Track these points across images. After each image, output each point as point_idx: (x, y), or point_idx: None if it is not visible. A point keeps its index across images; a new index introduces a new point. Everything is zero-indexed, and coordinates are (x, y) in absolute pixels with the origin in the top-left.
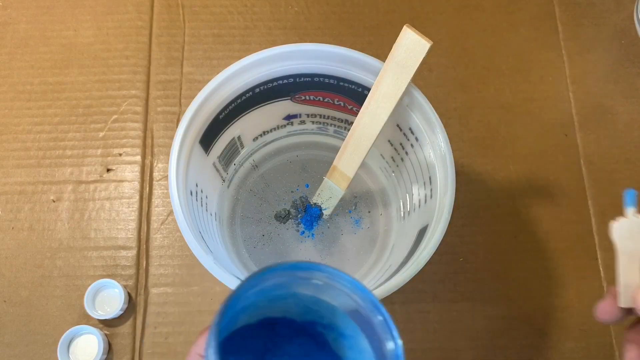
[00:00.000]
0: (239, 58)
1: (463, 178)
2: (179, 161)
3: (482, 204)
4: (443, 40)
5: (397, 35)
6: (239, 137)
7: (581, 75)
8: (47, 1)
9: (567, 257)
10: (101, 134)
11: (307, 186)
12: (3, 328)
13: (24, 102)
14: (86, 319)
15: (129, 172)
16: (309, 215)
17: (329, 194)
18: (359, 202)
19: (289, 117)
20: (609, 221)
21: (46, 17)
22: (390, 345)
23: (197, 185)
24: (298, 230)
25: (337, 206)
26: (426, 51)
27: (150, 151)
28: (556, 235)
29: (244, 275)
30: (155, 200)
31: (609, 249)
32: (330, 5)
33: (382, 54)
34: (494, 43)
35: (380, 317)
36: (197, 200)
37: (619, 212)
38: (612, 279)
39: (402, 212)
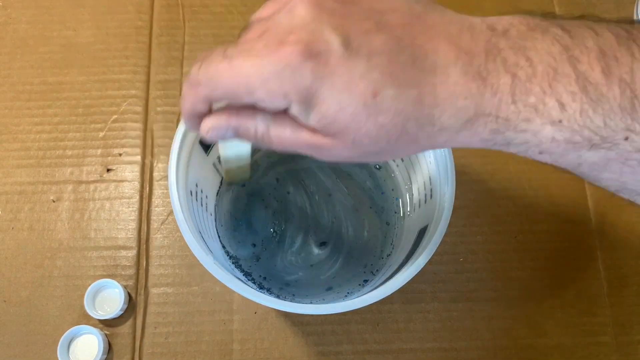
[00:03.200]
0: None
1: (463, 178)
2: (179, 161)
3: (482, 204)
4: None
5: None
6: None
7: None
8: (47, 1)
9: (567, 257)
10: (101, 134)
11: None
12: (3, 328)
13: (24, 102)
14: (86, 319)
15: (129, 172)
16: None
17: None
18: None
19: None
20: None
21: (46, 17)
22: None
23: (197, 185)
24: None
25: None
26: None
27: (150, 151)
28: (556, 235)
29: (242, 275)
30: (155, 200)
31: (609, 249)
32: None
33: None
34: None
35: None
36: (197, 200)
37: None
38: (612, 279)
39: (402, 212)
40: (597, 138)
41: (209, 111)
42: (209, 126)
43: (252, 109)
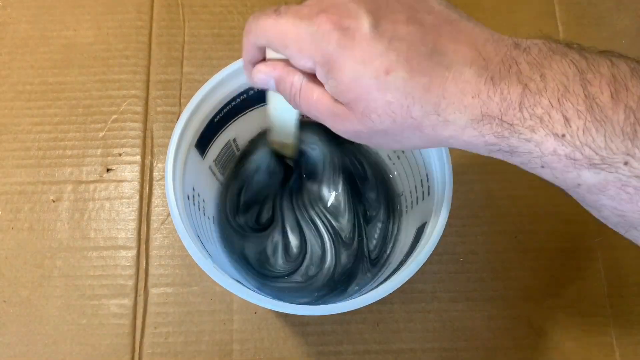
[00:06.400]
0: (239, 58)
1: (463, 178)
2: (175, 166)
3: (482, 204)
4: None
5: None
6: (234, 140)
7: None
8: (47, 1)
9: (567, 257)
10: (101, 134)
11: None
12: (3, 328)
13: (24, 102)
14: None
15: (129, 172)
16: None
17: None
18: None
19: None
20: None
21: (46, 17)
22: None
23: (194, 190)
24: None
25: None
26: None
27: (150, 151)
28: (556, 235)
29: (242, 278)
30: (155, 200)
31: (609, 249)
32: None
33: None
34: None
35: None
36: (194, 204)
37: None
38: (612, 279)
39: (400, 209)
40: (597, 158)
41: (262, 60)
42: (258, 69)
43: (293, 67)
